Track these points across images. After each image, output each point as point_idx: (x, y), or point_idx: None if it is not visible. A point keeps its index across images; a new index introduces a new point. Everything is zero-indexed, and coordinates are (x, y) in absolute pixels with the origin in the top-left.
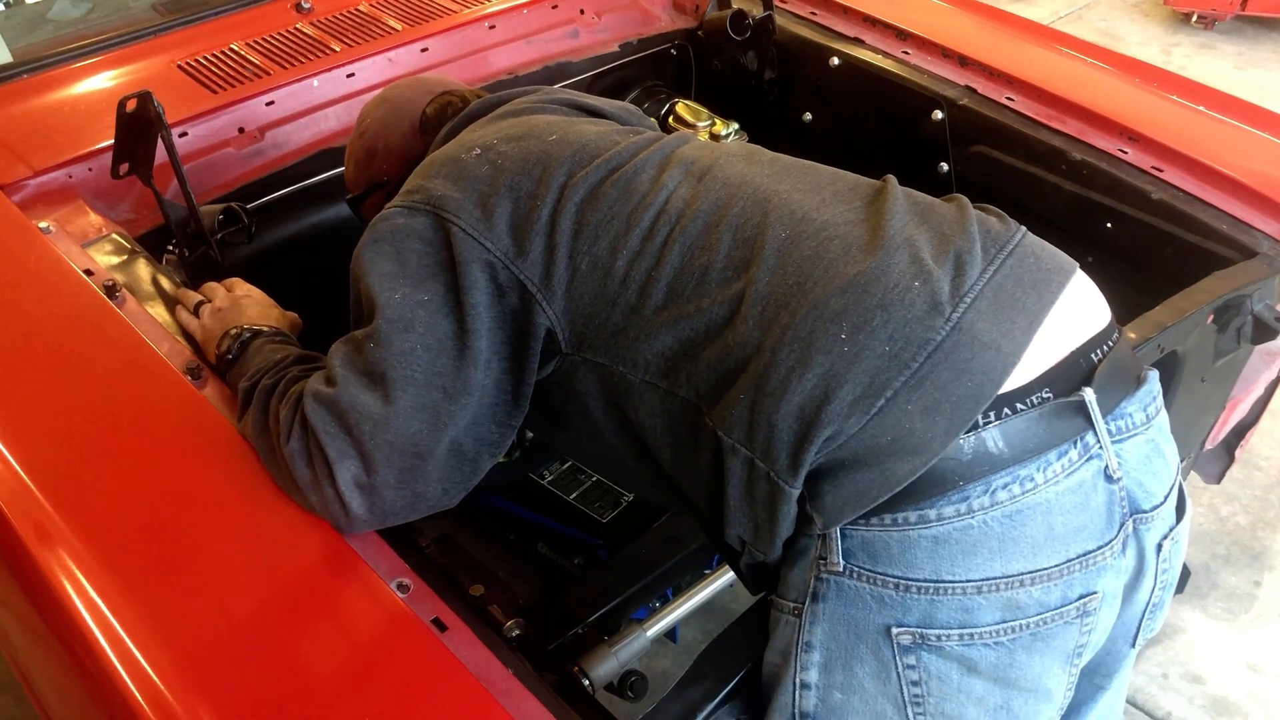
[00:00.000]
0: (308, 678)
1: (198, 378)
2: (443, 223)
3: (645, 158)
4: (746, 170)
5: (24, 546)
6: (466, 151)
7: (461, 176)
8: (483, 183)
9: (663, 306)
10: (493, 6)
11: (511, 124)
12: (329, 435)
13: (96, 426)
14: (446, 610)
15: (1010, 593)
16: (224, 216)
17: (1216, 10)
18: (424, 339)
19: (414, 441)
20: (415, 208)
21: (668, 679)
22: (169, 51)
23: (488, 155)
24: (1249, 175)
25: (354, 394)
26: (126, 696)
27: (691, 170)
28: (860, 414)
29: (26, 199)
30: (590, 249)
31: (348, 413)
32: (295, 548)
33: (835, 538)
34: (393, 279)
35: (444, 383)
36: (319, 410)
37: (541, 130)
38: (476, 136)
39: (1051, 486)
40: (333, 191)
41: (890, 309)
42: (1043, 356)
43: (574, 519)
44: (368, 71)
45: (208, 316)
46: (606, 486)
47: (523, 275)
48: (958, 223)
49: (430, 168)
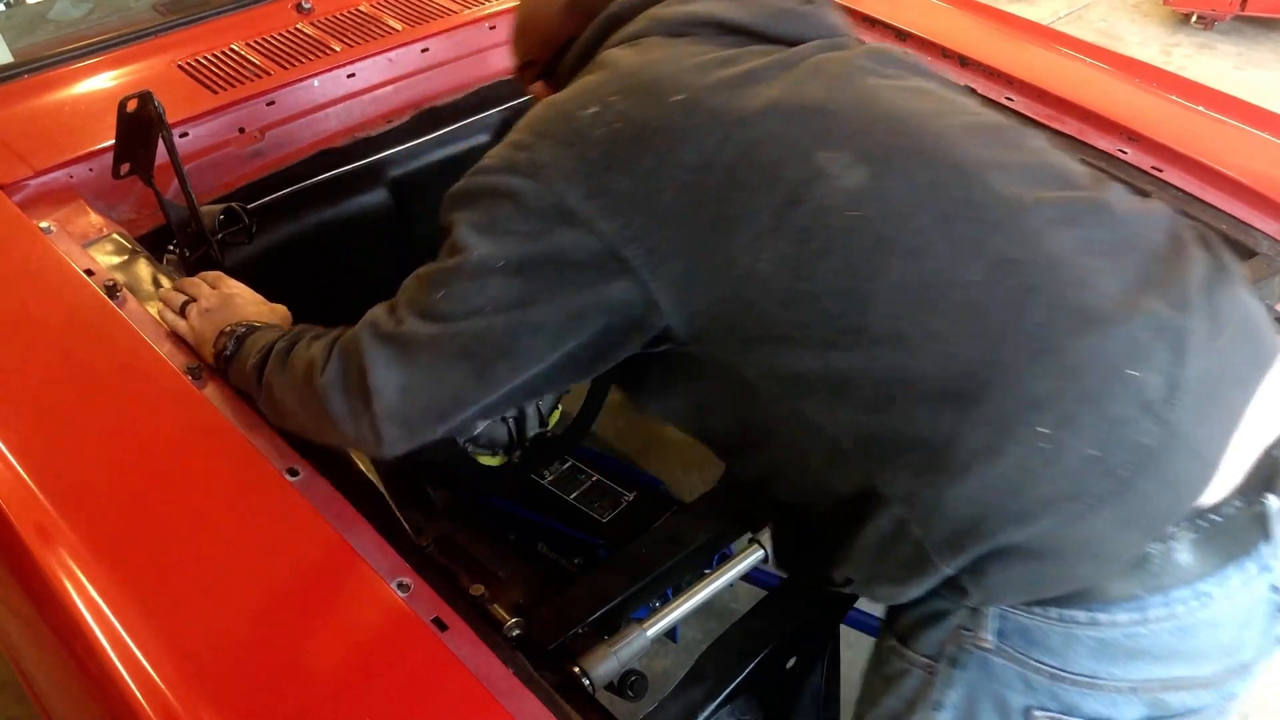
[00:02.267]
0: (308, 677)
1: (198, 378)
2: (543, 191)
3: (802, 122)
4: (939, 148)
5: (24, 546)
6: (582, 106)
7: (573, 140)
8: (594, 150)
9: (809, 325)
10: (493, 6)
11: (641, 64)
12: (377, 361)
13: (97, 426)
14: (447, 610)
15: (1162, 694)
16: (224, 216)
17: (1216, 10)
18: (496, 300)
19: (459, 387)
20: (517, 169)
21: (668, 679)
22: (169, 52)
23: (604, 116)
24: (1249, 175)
25: (413, 330)
26: (127, 695)
27: (864, 147)
28: (1049, 517)
29: (27, 199)
30: (724, 244)
31: (405, 345)
32: (296, 547)
33: (989, 615)
34: (478, 232)
35: (505, 346)
36: (373, 339)
37: (667, 85)
38: (598, 84)
39: (1226, 601)
40: (333, 191)
41: (1102, 403)
42: (1238, 461)
43: (574, 519)
44: (368, 72)
45: (196, 317)
46: (606, 486)
47: (631, 260)
48: (1180, 279)
49: (543, 120)
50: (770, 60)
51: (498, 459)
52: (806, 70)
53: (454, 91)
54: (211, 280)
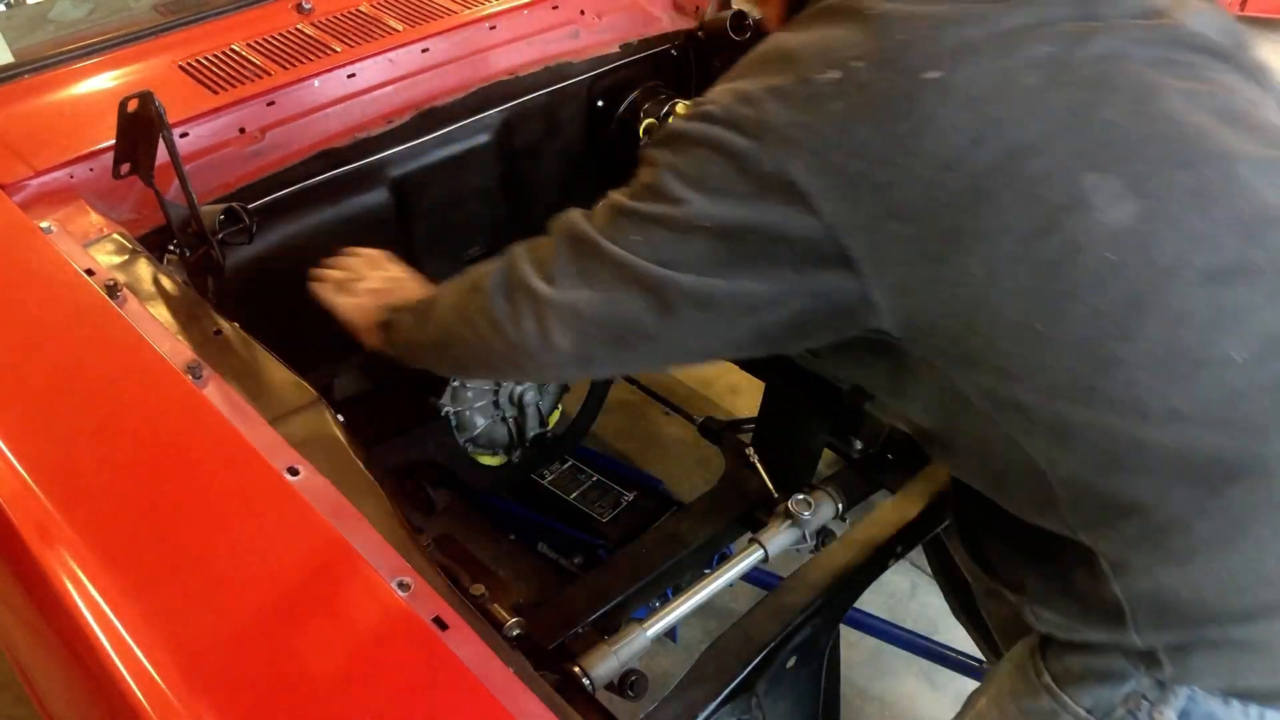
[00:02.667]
0: (309, 675)
1: (198, 377)
2: (765, 155)
3: (1071, 132)
4: (1224, 189)
5: (25, 545)
6: (821, 68)
7: (807, 106)
8: (829, 123)
9: (1037, 367)
10: (494, 7)
11: (896, 20)
12: (561, 256)
13: (97, 426)
14: (447, 609)
15: None
16: (225, 216)
17: None
18: (697, 261)
19: (638, 318)
20: (741, 125)
21: (668, 679)
22: (170, 52)
23: (845, 85)
24: None
25: (606, 247)
26: (127, 695)
27: (1137, 175)
28: (1276, 619)
29: (28, 199)
30: (956, 258)
31: (594, 253)
32: (296, 547)
33: (1177, 693)
34: (685, 183)
35: (697, 300)
36: (563, 236)
37: (919, 56)
38: (843, 42)
39: None
40: (333, 191)
41: None
42: None
43: (574, 519)
44: (368, 72)
45: (365, 295)
46: (607, 486)
47: (850, 250)
48: None
49: (777, 73)
50: (1047, 40)
51: (498, 459)
52: (1089, 62)
53: (454, 91)
54: (371, 260)
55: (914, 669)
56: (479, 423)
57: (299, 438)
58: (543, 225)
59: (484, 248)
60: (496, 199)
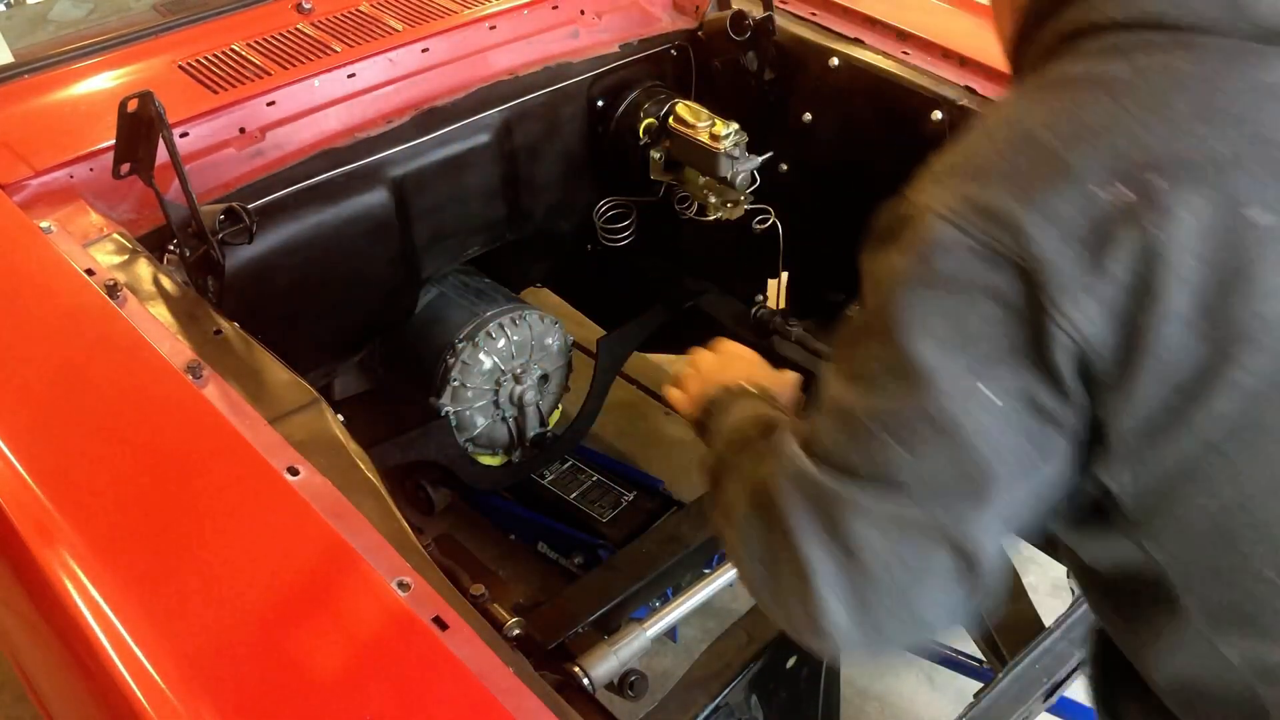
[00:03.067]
0: (309, 675)
1: (198, 377)
2: (1032, 289)
3: None
4: None
5: (24, 545)
6: (1078, 152)
7: (1065, 211)
8: (1099, 223)
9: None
10: (493, 7)
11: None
12: (802, 523)
13: (97, 426)
14: (447, 609)
15: None
16: (225, 216)
17: None
18: (966, 451)
19: (905, 555)
20: (991, 248)
21: (668, 679)
22: (170, 52)
23: (1105, 179)
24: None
25: (846, 492)
26: (127, 694)
27: None
28: None
29: (28, 199)
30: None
31: (832, 507)
32: (296, 547)
33: None
34: (942, 350)
35: (969, 503)
36: (792, 494)
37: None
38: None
39: None
40: (333, 191)
41: None
42: None
43: (574, 519)
44: (368, 72)
45: (694, 381)
46: (607, 486)
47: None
48: None
49: (1014, 152)
50: None
51: (498, 459)
52: None
53: (454, 91)
54: (714, 345)
55: (914, 669)
56: (479, 423)
57: (299, 438)
58: (543, 225)
59: (484, 248)
60: (496, 199)
